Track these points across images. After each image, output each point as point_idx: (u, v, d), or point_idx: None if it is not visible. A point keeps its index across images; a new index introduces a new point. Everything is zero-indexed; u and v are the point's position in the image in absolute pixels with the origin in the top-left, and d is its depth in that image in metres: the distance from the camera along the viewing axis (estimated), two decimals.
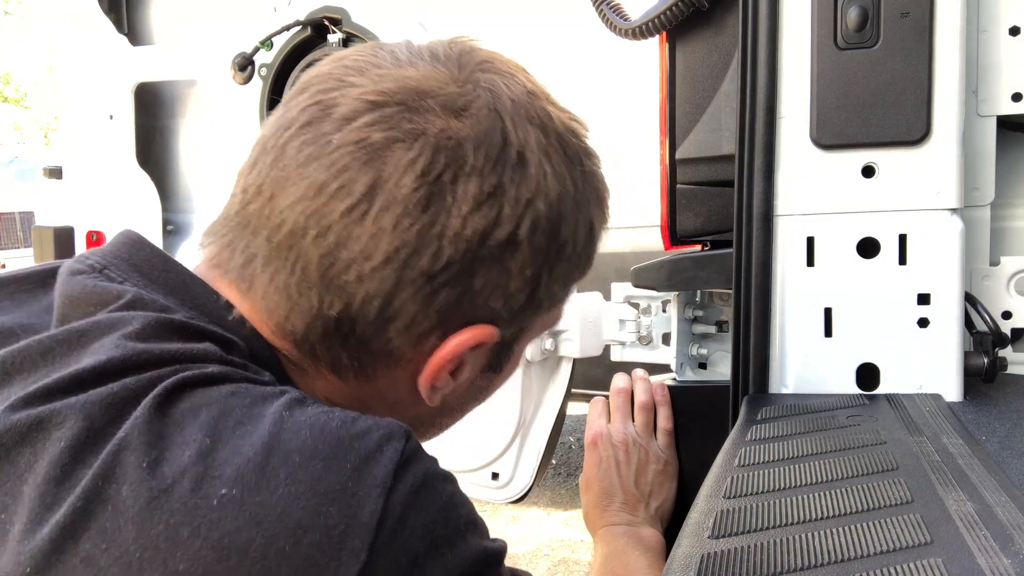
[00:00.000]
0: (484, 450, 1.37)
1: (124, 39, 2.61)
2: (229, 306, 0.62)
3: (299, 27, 1.44)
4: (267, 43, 1.46)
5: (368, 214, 0.57)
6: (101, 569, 0.47)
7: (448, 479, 0.58)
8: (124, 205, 2.63)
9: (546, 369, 1.39)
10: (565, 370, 1.40)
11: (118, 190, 2.63)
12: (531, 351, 1.32)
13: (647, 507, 1.11)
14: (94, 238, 2.69)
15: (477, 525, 0.59)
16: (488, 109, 0.60)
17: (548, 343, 1.34)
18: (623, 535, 1.06)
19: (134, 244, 0.65)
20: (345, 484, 0.51)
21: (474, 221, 0.58)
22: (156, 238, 2.49)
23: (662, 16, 1.13)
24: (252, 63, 1.51)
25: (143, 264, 0.63)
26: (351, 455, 0.52)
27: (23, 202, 9.65)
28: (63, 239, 2.68)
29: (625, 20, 1.16)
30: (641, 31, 1.14)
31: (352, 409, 0.61)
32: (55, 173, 2.79)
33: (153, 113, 2.72)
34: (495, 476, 1.39)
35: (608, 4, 1.18)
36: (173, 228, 2.71)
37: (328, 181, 0.57)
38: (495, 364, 0.71)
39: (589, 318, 1.35)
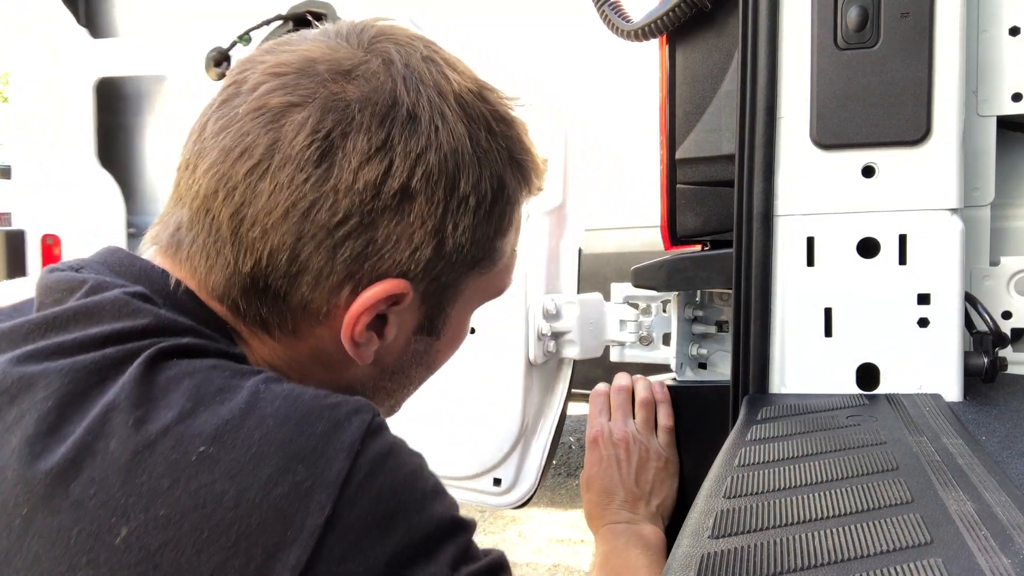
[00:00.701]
0: (485, 455, 1.36)
1: (84, 31, 2.46)
2: (177, 283, 0.66)
3: (281, 22, 1.39)
4: (245, 38, 1.41)
5: (268, 172, 0.62)
6: (89, 511, 0.52)
7: (415, 454, 0.62)
8: (83, 207, 2.46)
9: (547, 371, 1.38)
10: (566, 371, 1.39)
11: (77, 191, 2.47)
12: (534, 353, 1.31)
13: (648, 504, 1.12)
14: (49, 241, 2.53)
15: (444, 496, 0.62)
16: (378, 73, 0.65)
17: (551, 345, 1.33)
18: (623, 533, 1.07)
19: (110, 250, 0.71)
20: (315, 445, 0.55)
21: (365, 173, 0.62)
22: (120, 241, 2.33)
23: (664, 17, 1.13)
24: (228, 59, 1.46)
25: (115, 264, 0.68)
26: (321, 422, 0.57)
27: None
28: (14, 244, 2.51)
29: (627, 21, 1.16)
30: (643, 32, 1.14)
31: (293, 371, 0.70)
32: (3, 173, 2.65)
33: (116, 110, 2.55)
34: (497, 482, 1.37)
35: (610, 5, 1.18)
36: (135, 231, 2.53)
37: (234, 146, 0.63)
38: (429, 326, 0.73)
39: (590, 319, 1.35)
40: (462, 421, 1.37)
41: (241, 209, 0.63)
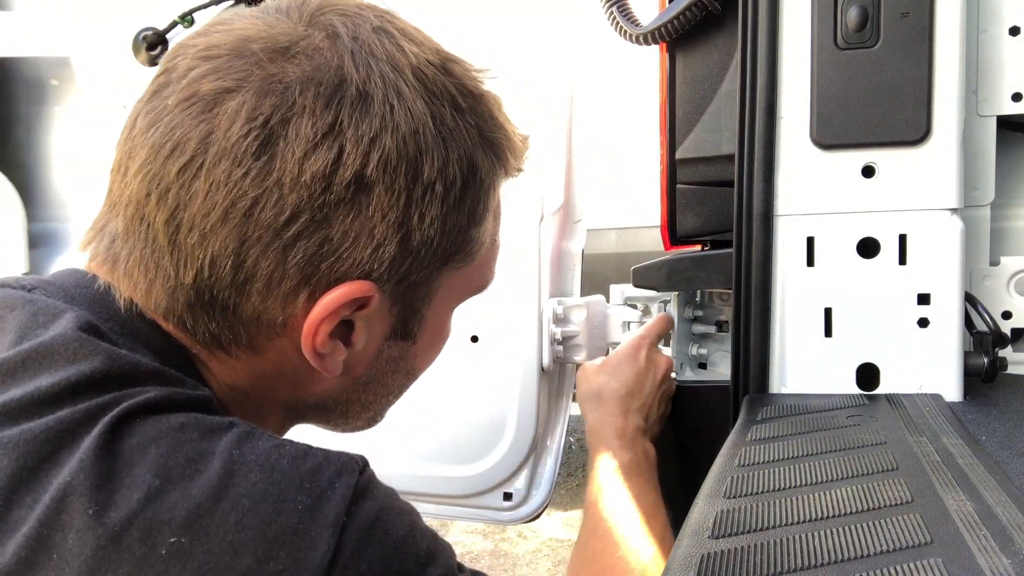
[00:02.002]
0: (495, 469, 1.30)
1: None
2: (130, 307, 0.60)
3: (233, 1, 1.20)
4: (187, 19, 1.20)
5: (202, 169, 0.55)
6: None
7: (404, 512, 0.57)
8: None
9: (554, 377, 1.36)
10: (571, 377, 1.38)
11: None
12: (547, 359, 1.28)
13: (654, 424, 1.13)
14: None
15: (438, 555, 0.58)
16: (321, 48, 0.57)
17: (558, 349, 1.31)
18: (636, 455, 1.03)
19: (68, 272, 0.64)
20: (296, 526, 0.50)
21: (312, 163, 0.55)
22: (18, 251, 1.98)
23: (674, 21, 1.12)
24: (165, 42, 1.25)
25: (71, 287, 0.62)
26: (302, 495, 0.51)
27: None
28: None
29: (636, 25, 1.15)
30: (653, 36, 1.14)
31: (257, 391, 0.63)
32: None
33: (9, 98, 2.06)
34: (508, 496, 1.32)
35: (619, 8, 1.17)
36: (36, 240, 2.06)
37: (164, 142, 0.56)
38: (403, 330, 0.67)
39: (595, 322, 1.33)
40: (469, 436, 1.32)
41: (176, 213, 0.56)
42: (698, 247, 1.23)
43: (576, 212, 1.37)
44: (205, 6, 1.12)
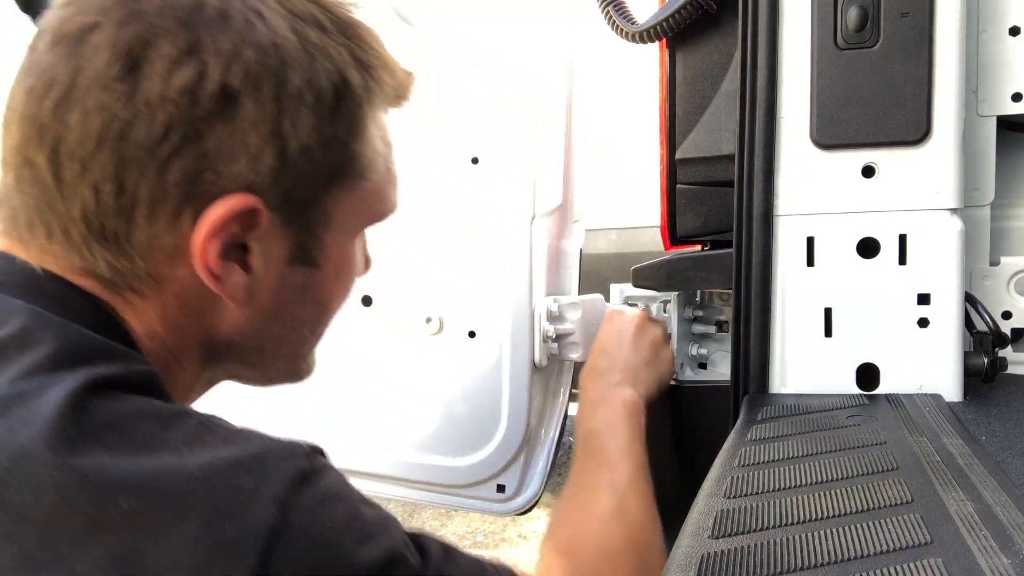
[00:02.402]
0: (489, 461, 1.33)
1: None
2: (51, 278, 0.62)
3: None
4: None
5: (75, 102, 0.57)
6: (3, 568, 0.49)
7: (350, 497, 0.59)
8: None
9: (550, 374, 1.37)
10: (568, 374, 1.38)
11: None
12: (540, 356, 1.29)
13: (636, 372, 1.14)
14: None
15: (383, 534, 0.59)
16: None
17: (554, 347, 1.32)
18: (605, 396, 1.10)
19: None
20: (242, 500, 0.52)
21: (176, 79, 0.57)
22: None
23: (670, 19, 1.12)
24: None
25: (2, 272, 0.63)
26: (250, 476, 0.54)
27: None
28: None
29: (632, 23, 1.16)
30: (648, 35, 1.14)
31: (172, 337, 0.65)
32: None
33: None
34: (501, 488, 1.34)
35: (615, 6, 1.17)
36: None
37: (37, 84, 0.58)
38: (303, 255, 0.67)
39: (591, 321, 1.34)
40: (464, 427, 1.35)
41: (56, 148, 0.58)
42: (698, 247, 1.23)
43: (575, 212, 1.37)
44: None
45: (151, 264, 0.62)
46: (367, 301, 1.38)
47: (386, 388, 1.41)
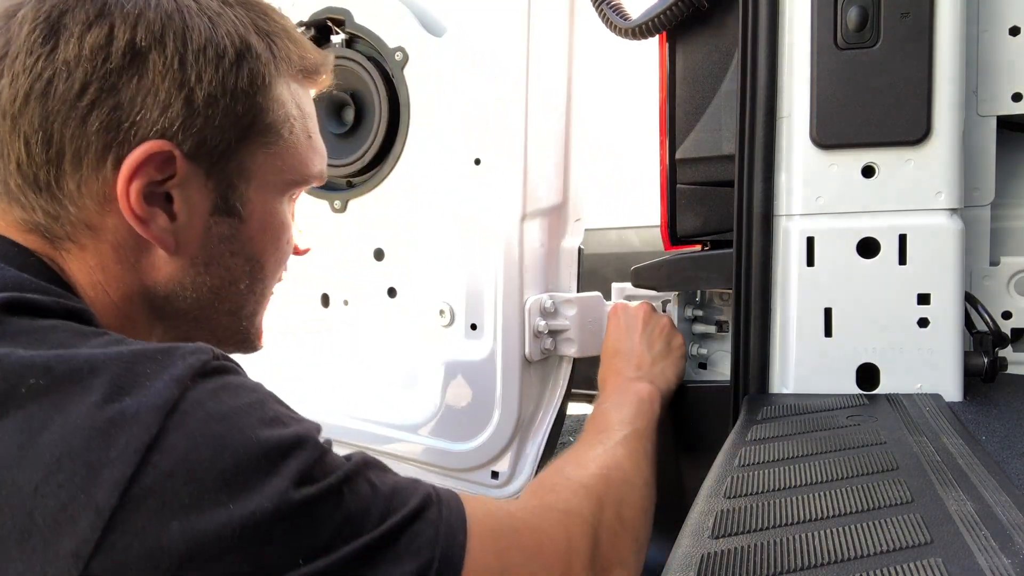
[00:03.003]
0: (484, 449, 1.37)
1: None
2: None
3: (302, 28, 1.44)
4: None
5: (5, 69, 0.66)
6: None
7: (259, 390, 0.63)
8: None
9: (546, 368, 1.39)
10: (565, 370, 1.40)
11: None
12: (530, 350, 1.31)
13: (653, 365, 1.17)
14: None
15: (288, 422, 0.61)
16: None
17: (548, 342, 1.34)
18: (620, 387, 1.12)
19: None
20: (144, 380, 0.57)
21: (89, 40, 0.66)
22: None
23: (661, 16, 1.13)
24: None
25: None
26: (153, 363, 0.58)
27: None
28: None
29: (625, 20, 1.16)
30: (640, 31, 1.15)
31: (112, 285, 0.71)
32: None
33: None
34: (495, 475, 1.40)
35: (608, 3, 1.18)
36: None
37: None
38: (225, 206, 0.74)
39: (588, 318, 1.35)
40: (462, 416, 1.38)
41: None
42: (698, 247, 1.23)
43: (575, 210, 1.38)
44: None
45: (84, 211, 0.69)
46: (392, 292, 1.44)
47: (398, 372, 1.46)
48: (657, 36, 1.17)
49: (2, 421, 0.54)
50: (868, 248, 1.00)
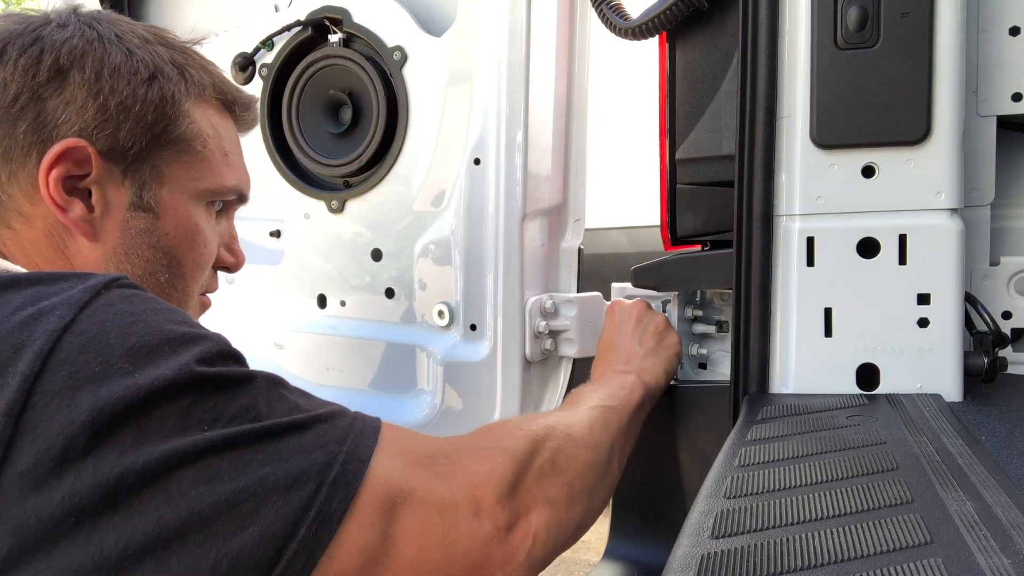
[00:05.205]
0: None
1: None
2: None
3: (300, 27, 1.44)
4: (268, 43, 1.48)
5: None
6: None
7: (159, 302, 0.68)
8: None
9: (546, 369, 1.38)
10: (565, 370, 1.40)
11: None
12: (530, 351, 1.31)
13: (641, 360, 1.18)
14: None
15: (195, 328, 0.67)
16: (38, 16, 0.85)
17: (548, 343, 1.34)
18: (605, 377, 1.15)
19: None
20: (65, 284, 0.65)
21: (22, 61, 0.80)
22: None
23: (661, 16, 1.13)
24: (253, 63, 1.51)
25: None
26: (74, 277, 0.66)
27: None
28: None
29: (625, 20, 1.16)
30: (640, 31, 1.15)
31: (49, 266, 0.81)
32: None
33: None
34: None
35: (608, 4, 1.18)
36: None
37: None
38: (140, 202, 0.85)
39: (589, 318, 1.35)
40: (462, 417, 1.38)
41: None
42: (698, 247, 1.23)
43: (575, 210, 1.38)
44: (279, 32, 1.47)
45: (14, 200, 0.81)
46: (390, 293, 1.44)
47: (396, 374, 1.46)
48: (657, 36, 1.17)
49: None
50: (868, 248, 1.00)
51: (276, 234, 1.54)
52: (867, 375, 1.01)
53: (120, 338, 0.62)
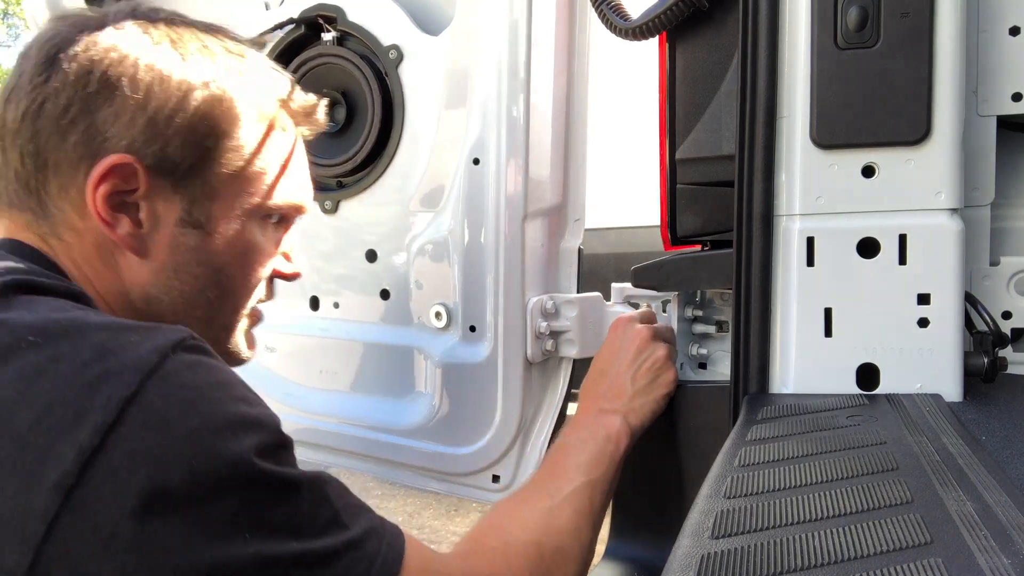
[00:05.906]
0: (485, 452, 1.36)
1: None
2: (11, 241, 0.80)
3: (293, 25, 1.43)
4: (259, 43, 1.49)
5: (14, 95, 0.80)
6: None
7: (232, 372, 0.70)
8: None
9: (547, 370, 1.38)
10: (565, 371, 1.39)
11: None
12: (532, 351, 1.31)
13: (630, 401, 1.16)
14: None
15: (254, 403, 0.68)
16: (92, 17, 0.83)
17: (549, 343, 1.33)
18: (589, 421, 1.14)
19: None
20: (128, 346, 0.64)
21: (74, 69, 0.78)
22: None
23: (662, 16, 1.13)
24: None
25: None
26: (137, 332, 0.66)
27: None
28: None
29: (625, 20, 1.16)
30: (641, 31, 1.14)
31: (95, 273, 0.81)
32: None
33: None
34: (496, 479, 1.39)
35: (608, 4, 1.18)
36: None
37: (2, 91, 0.82)
38: (190, 219, 0.83)
39: (589, 319, 1.35)
40: (462, 419, 1.37)
41: (2, 131, 0.80)
42: (698, 247, 1.23)
43: (575, 210, 1.38)
44: (271, 30, 1.44)
45: (65, 214, 0.80)
46: (385, 294, 1.44)
47: (394, 376, 1.45)
48: (657, 36, 1.17)
49: (5, 368, 0.62)
50: (868, 248, 1.00)
51: None
52: (867, 375, 1.01)
53: (182, 417, 0.62)
